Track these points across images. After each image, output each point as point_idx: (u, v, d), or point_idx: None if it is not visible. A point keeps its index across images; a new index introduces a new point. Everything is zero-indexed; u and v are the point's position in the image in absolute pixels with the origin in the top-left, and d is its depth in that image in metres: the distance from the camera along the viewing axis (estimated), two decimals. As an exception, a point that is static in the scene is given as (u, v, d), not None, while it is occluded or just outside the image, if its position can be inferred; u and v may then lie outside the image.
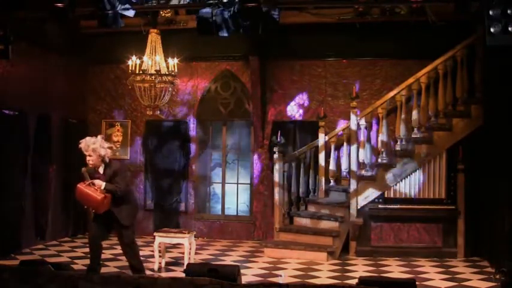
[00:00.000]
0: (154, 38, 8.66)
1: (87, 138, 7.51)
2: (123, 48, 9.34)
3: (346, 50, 10.72)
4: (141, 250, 9.92)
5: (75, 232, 11.17)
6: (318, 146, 10.30)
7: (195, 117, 11.53)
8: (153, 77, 8.48)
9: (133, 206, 7.85)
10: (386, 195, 9.64)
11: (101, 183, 7.33)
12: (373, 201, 9.61)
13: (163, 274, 8.28)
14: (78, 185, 7.34)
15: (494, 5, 5.96)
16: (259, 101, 10.91)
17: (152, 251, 8.79)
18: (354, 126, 9.72)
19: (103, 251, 9.73)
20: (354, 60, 10.86)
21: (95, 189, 7.29)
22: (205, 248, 10.27)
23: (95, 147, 7.37)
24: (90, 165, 7.47)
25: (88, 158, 7.42)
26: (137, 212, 8.16)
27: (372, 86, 10.74)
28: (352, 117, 9.73)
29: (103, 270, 8.33)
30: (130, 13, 6.78)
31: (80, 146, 7.43)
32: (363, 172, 9.79)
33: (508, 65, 8.03)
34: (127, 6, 6.74)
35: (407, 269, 8.69)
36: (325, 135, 10.26)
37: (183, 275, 5.07)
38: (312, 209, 10.31)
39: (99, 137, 7.58)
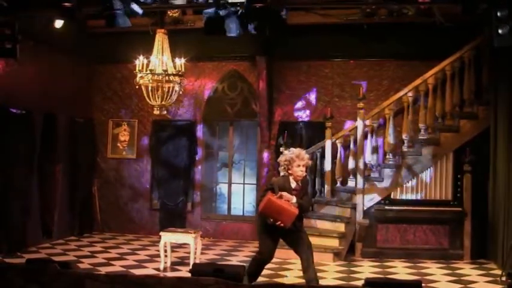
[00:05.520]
0: (161, 37, 8.69)
1: (298, 149, 6.99)
2: (131, 48, 9.35)
3: (353, 50, 10.69)
4: (147, 249, 9.99)
5: (82, 231, 11.20)
6: (324, 146, 10.28)
7: (201, 117, 11.54)
8: (160, 76, 8.50)
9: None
10: (392, 197, 9.62)
11: (291, 197, 6.73)
12: (379, 203, 9.58)
13: (169, 274, 8.28)
14: (271, 197, 6.68)
15: (501, 6, 5.95)
16: (266, 101, 10.92)
17: (158, 251, 8.78)
18: (360, 127, 9.70)
19: (109, 250, 9.82)
20: (361, 61, 10.84)
21: (287, 203, 6.70)
22: (211, 248, 10.27)
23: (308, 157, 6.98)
24: (299, 178, 6.87)
25: (303, 168, 6.84)
26: None
27: (379, 87, 10.72)
28: (359, 118, 9.71)
29: (109, 269, 8.35)
30: (138, 10, 6.75)
31: (295, 155, 6.83)
32: (370, 173, 9.79)
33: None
34: (135, 5, 6.74)
35: (414, 270, 8.67)
36: (332, 136, 10.24)
37: (189, 274, 5.06)
38: (318, 209, 10.29)
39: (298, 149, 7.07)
